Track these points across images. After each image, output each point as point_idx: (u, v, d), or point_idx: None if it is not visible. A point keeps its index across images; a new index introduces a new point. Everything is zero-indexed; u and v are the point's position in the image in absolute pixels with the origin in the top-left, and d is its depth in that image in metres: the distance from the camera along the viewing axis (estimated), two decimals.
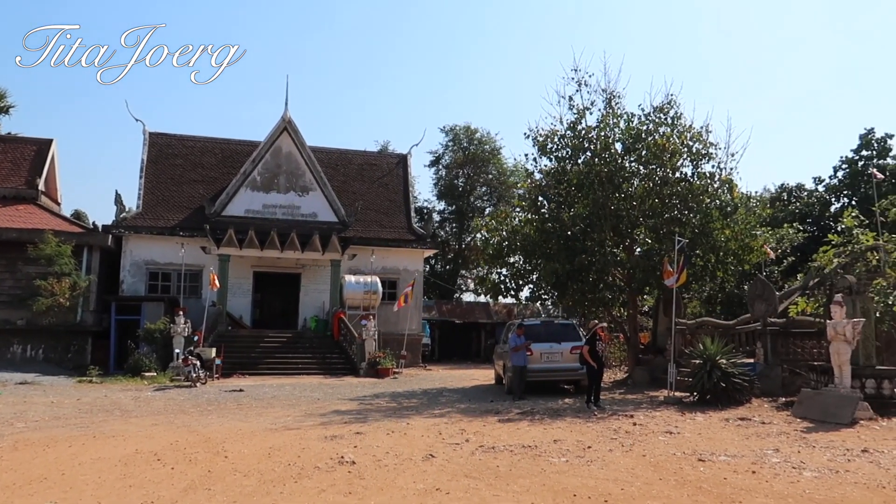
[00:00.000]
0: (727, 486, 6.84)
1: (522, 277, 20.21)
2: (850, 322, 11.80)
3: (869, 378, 12.13)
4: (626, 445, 9.24)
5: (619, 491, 6.68)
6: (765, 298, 16.24)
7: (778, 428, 10.65)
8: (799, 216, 34.45)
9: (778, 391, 14.56)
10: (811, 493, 6.56)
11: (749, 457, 8.33)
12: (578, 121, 18.75)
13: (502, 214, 21.08)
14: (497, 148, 47.03)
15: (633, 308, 20.11)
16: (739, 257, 18.39)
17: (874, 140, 34.90)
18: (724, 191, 18.30)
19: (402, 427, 11.08)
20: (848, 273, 14.64)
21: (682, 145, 18.12)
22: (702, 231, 17.59)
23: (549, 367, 16.48)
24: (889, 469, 7.57)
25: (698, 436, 10.06)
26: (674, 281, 15.50)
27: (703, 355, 13.90)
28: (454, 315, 39.56)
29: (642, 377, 18.43)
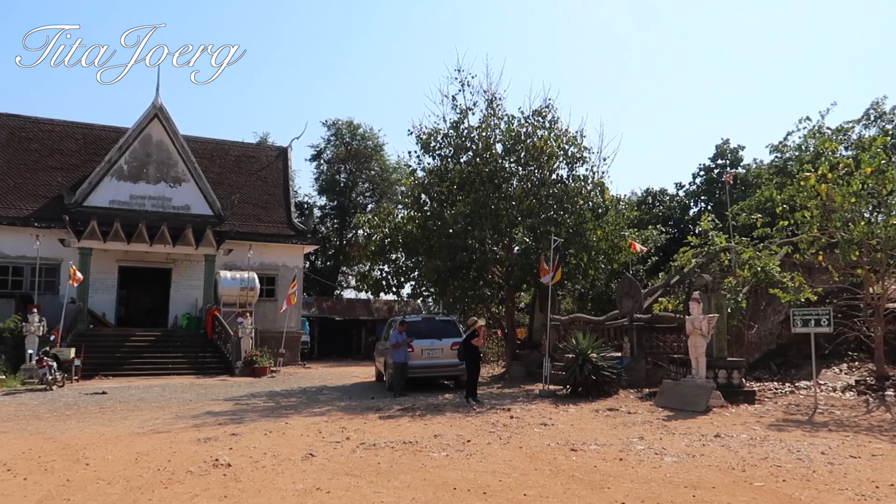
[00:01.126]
0: (597, 474, 7.20)
1: (404, 274, 20.31)
2: (706, 317, 12.77)
3: (721, 369, 13.18)
4: (504, 438, 9.51)
5: (497, 482, 6.86)
6: (631, 296, 17.23)
7: (642, 417, 11.34)
8: (662, 219, 36.77)
9: (643, 382, 15.50)
10: (671, 476, 7.04)
11: (617, 445, 8.82)
12: (461, 120, 19.08)
13: (385, 211, 21.09)
14: (380, 144, 46.90)
15: (510, 305, 20.72)
16: (609, 256, 19.41)
17: (728, 150, 37.90)
18: (597, 193, 19.24)
19: (280, 427, 10.82)
20: (704, 272, 15.82)
21: (559, 148, 18.88)
22: (576, 231, 18.40)
23: (430, 363, 16.65)
24: (738, 452, 8.26)
25: (571, 427, 10.52)
26: (550, 279, 16.11)
27: (576, 350, 14.55)
28: (335, 312, 39.09)
29: (519, 371, 19.03)
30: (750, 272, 15.06)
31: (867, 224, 13.30)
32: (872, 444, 8.69)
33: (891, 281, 13.69)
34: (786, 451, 8.21)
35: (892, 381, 13.04)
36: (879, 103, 30.87)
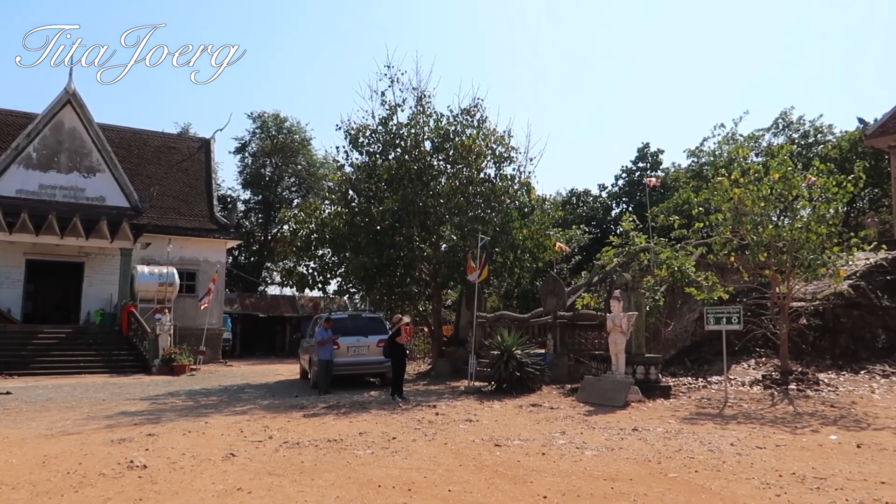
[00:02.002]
0: (520, 469, 7.34)
1: (330, 270, 20.08)
2: (626, 315, 13.19)
3: (639, 365, 13.64)
4: (429, 435, 9.55)
5: (422, 479, 6.89)
6: (555, 293, 17.60)
7: (564, 412, 11.61)
8: (586, 219, 37.75)
9: (565, 378, 15.86)
10: (591, 469, 7.24)
11: (539, 440, 9.00)
12: (390, 117, 19.01)
13: (311, 206, 20.77)
14: (307, 138, 46.17)
15: (437, 302, 20.81)
16: (535, 255, 19.77)
17: (649, 153, 39.26)
18: (523, 193, 19.55)
19: (199, 426, 10.52)
20: (625, 271, 16.34)
21: (487, 148, 19.08)
22: (502, 230, 18.64)
23: (355, 360, 16.55)
24: (654, 444, 8.58)
25: (495, 423, 10.67)
26: (476, 276, 16.27)
27: (501, 347, 14.76)
28: (258, 308, 38.27)
29: (445, 368, 19.14)
30: (667, 272, 15.64)
31: (775, 227, 14.02)
32: (776, 436, 9.18)
33: (795, 281, 14.47)
34: (698, 443, 8.58)
35: (796, 376, 13.81)
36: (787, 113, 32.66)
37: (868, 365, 15.48)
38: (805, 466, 7.24)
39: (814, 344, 16.42)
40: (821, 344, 16.49)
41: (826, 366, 15.49)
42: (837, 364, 15.68)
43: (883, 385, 13.83)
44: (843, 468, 7.14)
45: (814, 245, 13.51)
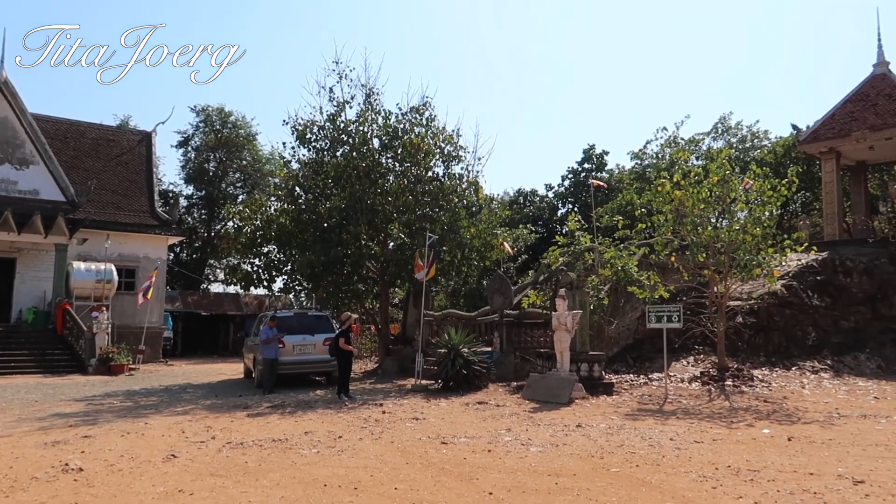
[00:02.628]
0: (466, 466, 7.39)
1: (276, 268, 19.79)
2: (571, 313, 13.42)
3: (583, 362, 13.90)
4: (376, 433, 9.53)
5: (368, 478, 6.87)
6: (502, 292, 17.77)
7: (510, 410, 11.74)
8: (532, 218, 38.19)
9: (511, 376, 16.03)
10: (536, 465, 7.35)
11: (486, 437, 9.08)
12: (338, 113, 18.85)
13: (257, 203, 20.43)
14: (253, 133, 45.33)
15: (384, 300, 20.75)
16: (482, 254, 19.91)
17: (594, 155, 39.97)
18: (471, 192, 19.67)
19: (139, 427, 10.24)
20: (570, 270, 16.60)
21: (436, 146, 19.12)
22: (450, 228, 18.71)
23: (301, 359, 16.37)
24: (597, 440, 8.76)
25: (442, 420, 10.71)
26: (424, 275, 16.29)
27: (448, 345, 14.82)
28: (201, 306, 37.41)
29: (392, 367, 19.11)
30: (611, 271, 15.98)
31: (713, 229, 14.48)
32: (713, 430, 9.50)
33: (732, 281, 14.97)
34: (639, 439, 8.80)
35: (732, 373, 14.30)
36: (726, 118, 33.73)
37: (799, 361, 16.14)
38: (740, 459, 7.51)
39: (749, 341, 17.02)
40: (756, 341, 17.11)
41: (760, 362, 16.08)
42: (771, 361, 16.30)
43: (812, 381, 14.45)
44: (774, 460, 7.44)
45: (749, 246, 14.01)
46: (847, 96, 22.11)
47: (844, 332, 17.70)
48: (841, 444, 8.39)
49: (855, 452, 7.86)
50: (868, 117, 20.84)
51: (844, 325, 17.90)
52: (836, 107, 22.12)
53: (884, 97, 20.80)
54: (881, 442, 8.47)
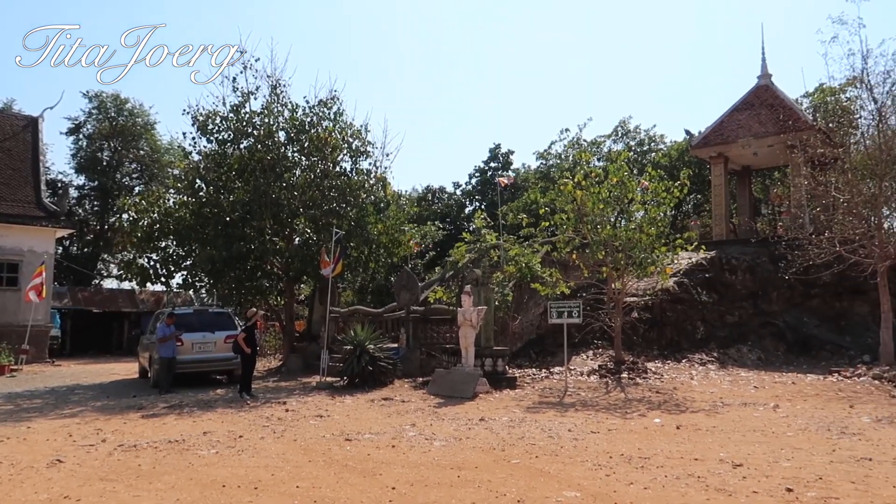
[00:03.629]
0: (370, 462, 7.39)
1: (175, 263, 19.01)
2: (476, 309, 13.64)
3: (488, 357, 14.16)
4: (278, 432, 9.37)
5: (269, 477, 6.75)
6: (409, 288, 17.83)
7: (415, 405, 11.81)
8: (441, 215, 38.46)
9: (417, 372, 16.11)
10: (439, 459, 7.44)
11: (390, 433, 9.11)
12: (242, 104, 18.33)
13: (154, 195, 19.55)
14: (151, 122, 43.26)
15: (289, 296, 20.37)
16: (389, 250, 19.89)
17: (500, 154, 40.70)
18: (379, 188, 19.60)
19: (20, 432, 9.62)
20: (476, 267, 16.86)
21: (343, 141, 18.92)
22: (357, 224, 18.59)
23: (201, 357, 15.83)
24: (499, 433, 8.96)
25: (347, 417, 10.65)
26: (330, 271, 16.11)
27: (354, 341, 14.74)
28: (92, 303, 35.42)
29: (297, 364, 18.79)
30: (515, 268, 16.35)
31: (612, 228, 15.08)
32: (609, 420, 9.91)
33: (629, 278, 15.65)
34: (539, 430, 9.06)
35: (628, 366, 14.95)
36: (625, 122, 35.12)
37: (689, 354, 17.07)
38: (632, 448, 7.88)
39: (644, 335, 17.83)
40: (650, 335, 17.95)
41: (654, 355, 16.88)
42: (664, 354, 17.16)
43: (700, 372, 15.32)
44: (664, 448, 7.85)
45: (645, 245, 14.70)
46: (734, 105, 23.50)
47: (730, 326, 18.86)
48: (724, 430, 8.95)
49: (735, 438, 8.41)
50: (752, 125, 22.23)
51: (730, 319, 19.06)
52: (724, 114, 23.46)
53: (766, 107, 22.24)
54: (758, 428, 9.10)
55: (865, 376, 13.85)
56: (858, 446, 7.85)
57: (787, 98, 22.73)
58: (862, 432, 8.70)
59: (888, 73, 15.61)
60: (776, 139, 20.55)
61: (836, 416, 9.94)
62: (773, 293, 19.43)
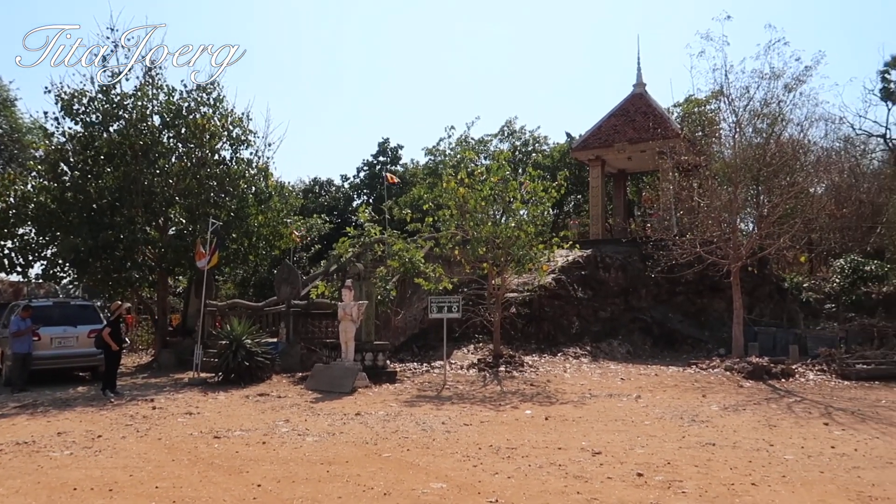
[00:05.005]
0: (238, 459, 7.20)
1: (34, 252, 17.62)
2: (357, 304, 13.58)
3: (368, 352, 14.15)
4: (142, 431, 8.94)
5: (127, 478, 6.44)
6: (290, 282, 17.46)
7: (291, 401, 11.61)
8: (328, 208, 37.90)
9: (297, 367, 15.81)
10: (310, 455, 7.37)
11: (262, 429, 8.91)
12: (113, 85, 17.24)
13: (10, 177, 18.00)
14: (11, 99, 39.79)
15: (163, 289, 19.42)
16: (271, 242, 19.37)
17: (389, 148, 40.63)
18: (261, 178, 19.04)
19: None
20: (359, 261, 16.78)
21: (223, 128, 18.19)
22: (237, 215, 17.96)
23: (61, 353, 14.78)
24: (374, 427, 8.98)
25: (218, 414, 10.31)
26: (205, 263, 15.50)
27: (230, 336, 14.28)
28: None
29: (169, 360, 17.93)
30: (399, 263, 16.39)
31: (493, 225, 15.44)
32: (483, 413, 10.17)
33: (508, 274, 16.10)
34: (414, 424, 9.16)
35: (505, 359, 15.39)
36: (511, 122, 36.03)
37: (564, 348, 17.82)
38: (501, 439, 8.13)
39: (523, 330, 18.42)
40: (528, 330, 18.57)
41: (532, 349, 17.48)
42: (541, 348, 17.80)
43: (574, 365, 16.02)
44: (531, 438, 8.15)
45: (524, 242, 15.17)
46: (612, 111, 24.69)
47: (602, 321, 19.85)
48: (588, 420, 9.41)
49: (598, 427, 8.87)
50: (628, 131, 23.45)
51: (603, 314, 20.07)
52: (602, 119, 24.59)
53: (640, 114, 23.51)
54: (620, 417, 9.64)
55: (719, 368, 14.98)
56: (705, 433, 8.49)
57: (658, 107, 24.13)
58: (710, 420, 9.41)
59: (747, 89, 16.92)
60: (648, 145, 21.77)
61: (689, 405, 10.70)
62: (643, 290, 20.62)
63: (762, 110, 16.89)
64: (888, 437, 8.22)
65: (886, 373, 13.80)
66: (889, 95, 25.15)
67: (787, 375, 13.93)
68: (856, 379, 13.59)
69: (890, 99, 25.09)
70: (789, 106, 16.93)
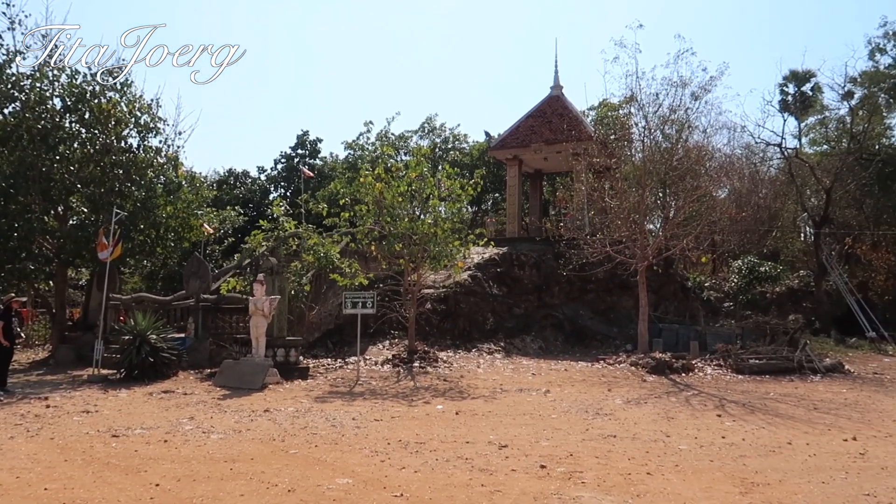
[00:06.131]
0: (137, 458, 6.94)
1: None
2: (268, 298, 13.31)
3: (280, 348, 13.90)
4: (33, 430, 8.46)
5: (13, 480, 6.10)
6: (200, 276, 16.93)
7: (198, 397, 11.26)
8: (243, 200, 36.92)
9: (206, 363, 15.35)
10: (214, 453, 7.17)
11: (165, 427, 8.60)
12: (8, 64, 16.19)
13: None
14: None
15: (61, 281, 18.42)
16: (180, 235, 18.71)
17: (308, 141, 39.98)
18: (170, 167, 18.34)
19: None
20: (273, 255, 16.44)
21: (130, 115, 17.42)
22: (144, 205, 17.25)
23: None
24: (282, 424, 8.83)
25: (118, 412, 9.88)
26: (108, 254, 14.82)
27: (134, 331, 13.71)
28: None
29: (67, 356, 17.03)
30: (314, 257, 16.18)
31: (410, 221, 15.46)
32: (394, 408, 10.18)
33: (424, 270, 16.17)
34: (324, 420, 9.07)
35: (420, 355, 15.44)
36: (432, 119, 36.14)
37: (479, 344, 18.05)
38: (411, 434, 8.16)
39: (438, 326, 18.55)
40: (444, 326, 18.71)
41: (447, 345, 17.62)
42: (456, 343, 17.96)
43: (487, 360, 16.26)
44: (440, 433, 8.23)
45: (440, 239, 15.26)
46: (530, 111, 25.17)
47: (516, 318, 20.23)
48: (497, 415, 9.58)
49: (507, 422, 9.04)
50: (544, 132, 23.96)
51: (517, 311, 20.45)
52: (520, 120, 25.04)
53: (557, 116, 24.08)
54: (528, 412, 9.86)
55: (625, 363, 15.56)
56: (608, 425, 8.81)
57: (574, 109, 24.79)
58: (613, 413, 9.76)
59: (656, 96, 17.61)
60: (563, 146, 22.31)
61: (595, 399, 11.06)
62: (556, 287, 21.15)
63: (670, 116, 17.63)
64: (773, 428, 8.76)
65: (776, 367, 14.70)
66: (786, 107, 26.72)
67: (687, 370, 14.62)
68: (749, 373, 14.40)
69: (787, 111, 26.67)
70: (695, 113, 17.77)
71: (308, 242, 16.22)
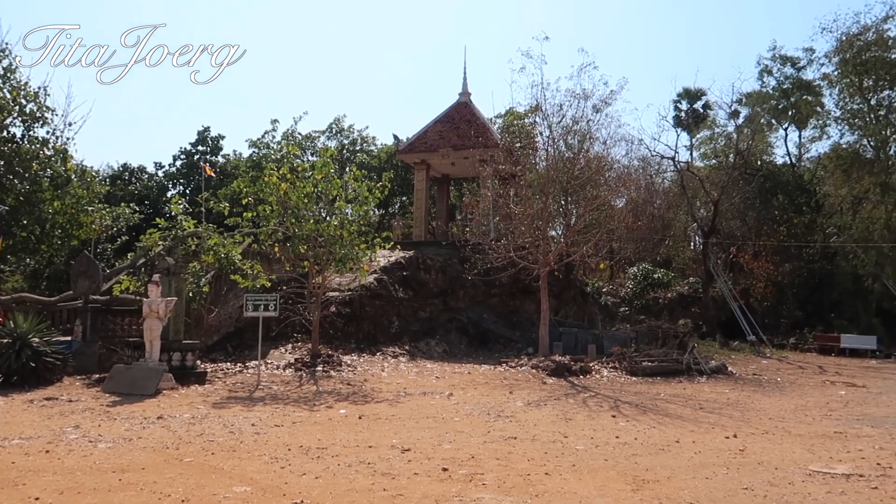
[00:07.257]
0: (14, 470, 6.48)
1: None
2: (164, 300, 12.76)
3: (176, 351, 13.35)
4: None
5: None
6: (89, 275, 16.00)
7: (85, 404, 10.64)
8: (138, 197, 35.19)
9: (94, 368, 14.50)
10: (101, 463, 6.80)
11: (47, 436, 8.08)
12: None
13: None
14: None
15: None
16: (68, 231, 17.66)
17: (210, 137, 38.57)
18: (58, 160, 17.28)
19: None
20: (171, 255, 15.77)
21: (14, 102, 16.29)
22: (28, 199, 16.18)
23: None
24: (176, 431, 8.48)
25: None
26: None
27: (14, 333, 12.80)
28: None
29: None
30: (214, 258, 15.65)
31: (316, 223, 15.24)
32: (296, 413, 9.99)
33: (329, 273, 15.97)
34: (221, 426, 8.79)
35: (323, 359, 15.23)
36: (340, 120, 35.79)
37: (384, 347, 18.01)
38: (313, 439, 8.04)
39: (343, 329, 18.36)
40: (349, 329, 18.54)
41: (351, 349, 17.47)
42: (360, 347, 17.84)
43: (392, 364, 16.25)
44: (343, 437, 8.15)
45: (346, 241, 15.12)
46: (438, 117, 25.38)
47: (422, 321, 20.33)
48: (401, 418, 9.59)
49: (410, 425, 9.07)
50: (452, 137, 24.22)
51: (422, 315, 20.56)
52: (429, 124, 25.19)
53: (464, 122, 24.40)
54: (432, 415, 9.93)
55: (526, 366, 15.95)
56: (509, 427, 9.00)
57: (482, 116, 25.19)
58: (514, 415, 9.99)
59: (560, 106, 18.19)
60: (470, 153, 22.61)
61: (497, 402, 11.27)
62: (461, 291, 21.42)
63: (573, 127, 18.27)
64: (663, 427, 9.23)
65: (666, 369, 15.48)
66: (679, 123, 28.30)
67: (585, 372, 15.15)
68: (642, 375, 15.09)
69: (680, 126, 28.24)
70: (596, 125, 18.50)
71: (208, 242, 15.66)
